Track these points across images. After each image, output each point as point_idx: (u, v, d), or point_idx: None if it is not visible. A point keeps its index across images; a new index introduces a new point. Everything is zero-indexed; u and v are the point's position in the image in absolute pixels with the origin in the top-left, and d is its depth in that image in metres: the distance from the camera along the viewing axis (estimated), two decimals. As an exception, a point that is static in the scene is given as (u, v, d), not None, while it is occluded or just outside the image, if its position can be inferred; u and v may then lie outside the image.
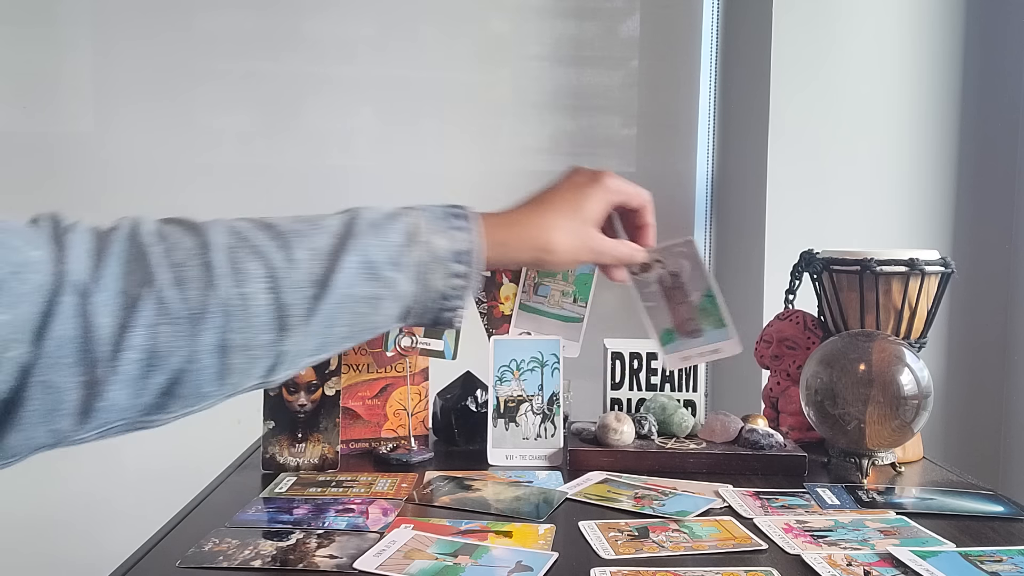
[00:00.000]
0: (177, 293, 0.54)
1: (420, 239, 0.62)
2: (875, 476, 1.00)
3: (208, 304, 0.54)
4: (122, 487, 1.88)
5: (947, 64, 1.61)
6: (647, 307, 0.92)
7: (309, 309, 0.58)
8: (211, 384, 0.56)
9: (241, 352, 0.56)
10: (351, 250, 0.60)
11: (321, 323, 0.58)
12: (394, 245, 0.61)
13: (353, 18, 1.91)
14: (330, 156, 1.93)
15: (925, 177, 1.62)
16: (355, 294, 0.59)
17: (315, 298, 0.58)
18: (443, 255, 0.63)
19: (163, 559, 0.74)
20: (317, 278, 0.58)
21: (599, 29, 1.96)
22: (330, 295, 0.58)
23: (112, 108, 1.90)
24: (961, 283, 1.43)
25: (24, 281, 0.49)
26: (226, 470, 1.02)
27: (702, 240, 1.96)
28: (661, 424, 1.06)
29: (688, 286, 0.92)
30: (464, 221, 0.65)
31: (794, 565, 0.73)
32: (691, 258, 0.92)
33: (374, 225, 0.62)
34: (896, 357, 0.95)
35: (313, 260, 0.58)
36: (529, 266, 0.75)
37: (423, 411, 1.10)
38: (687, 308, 0.93)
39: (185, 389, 0.55)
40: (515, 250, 0.70)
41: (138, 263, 0.54)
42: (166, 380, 0.54)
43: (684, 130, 1.96)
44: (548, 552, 0.75)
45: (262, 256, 0.57)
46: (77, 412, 0.52)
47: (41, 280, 0.50)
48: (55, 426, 0.51)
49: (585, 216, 0.74)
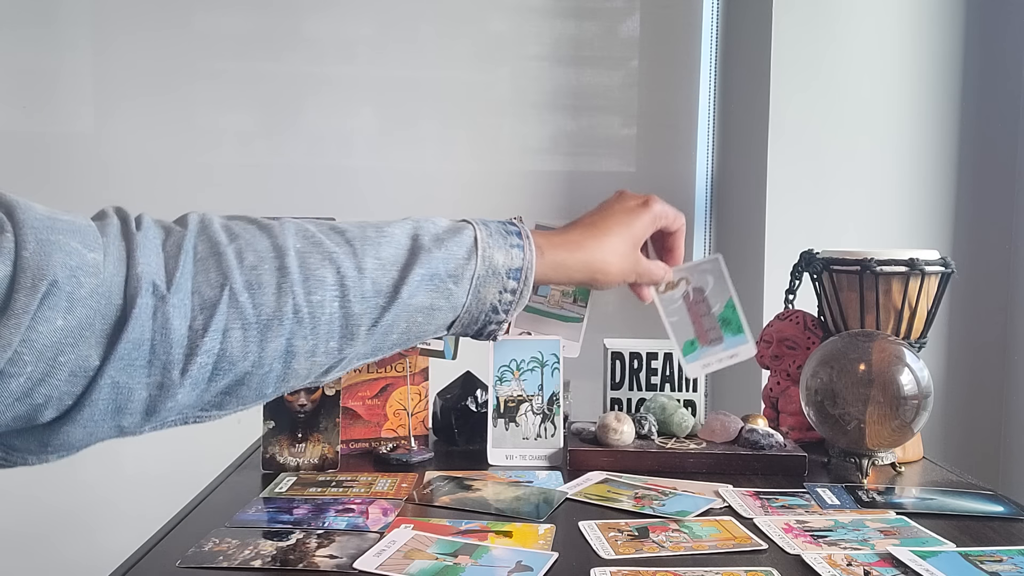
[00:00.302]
0: (250, 298, 0.53)
1: (480, 254, 0.64)
2: (875, 476, 1.00)
3: (281, 311, 0.54)
4: (122, 487, 1.88)
5: (947, 64, 1.61)
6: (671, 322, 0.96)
7: (374, 319, 0.59)
8: (272, 386, 0.57)
9: (306, 358, 0.56)
10: (419, 263, 0.61)
11: (381, 331, 0.60)
12: (457, 259, 0.63)
13: (353, 18, 1.91)
14: (330, 156, 1.93)
15: (925, 177, 1.62)
16: (416, 304, 0.61)
17: (381, 308, 0.59)
18: (500, 271, 0.65)
19: (163, 559, 0.74)
20: (384, 289, 0.59)
21: (599, 29, 1.96)
22: (395, 306, 0.59)
23: (112, 108, 1.90)
24: (961, 283, 1.43)
25: (80, 285, 0.47)
26: (226, 470, 1.02)
27: (702, 240, 1.96)
28: (661, 424, 1.06)
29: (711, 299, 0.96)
30: (519, 238, 0.68)
31: (794, 565, 0.73)
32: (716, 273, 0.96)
33: (438, 238, 0.63)
34: (896, 357, 0.95)
35: (380, 270, 0.59)
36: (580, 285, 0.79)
37: (423, 411, 1.10)
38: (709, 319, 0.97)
39: (247, 391, 0.55)
40: (572, 270, 0.73)
41: (212, 262, 0.53)
42: (231, 382, 0.54)
43: (684, 130, 1.96)
44: (548, 552, 0.75)
45: (334, 263, 0.57)
46: (144, 411, 0.52)
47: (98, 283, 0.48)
48: (120, 423, 0.51)
49: (636, 240, 0.78)
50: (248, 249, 0.55)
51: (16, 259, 0.45)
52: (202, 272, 0.53)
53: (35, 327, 0.45)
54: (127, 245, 0.51)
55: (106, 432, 0.52)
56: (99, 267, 0.49)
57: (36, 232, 0.47)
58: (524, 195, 1.94)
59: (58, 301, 0.46)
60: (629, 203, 0.79)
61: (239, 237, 0.55)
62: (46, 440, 0.50)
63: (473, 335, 0.68)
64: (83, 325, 0.47)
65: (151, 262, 0.51)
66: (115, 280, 0.49)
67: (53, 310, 0.46)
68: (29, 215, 0.47)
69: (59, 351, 0.47)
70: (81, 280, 0.47)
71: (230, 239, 0.55)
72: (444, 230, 0.64)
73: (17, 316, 0.45)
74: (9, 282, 0.45)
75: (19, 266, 0.45)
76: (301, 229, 0.59)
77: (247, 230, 0.56)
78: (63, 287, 0.46)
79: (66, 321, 0.47)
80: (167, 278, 0.51)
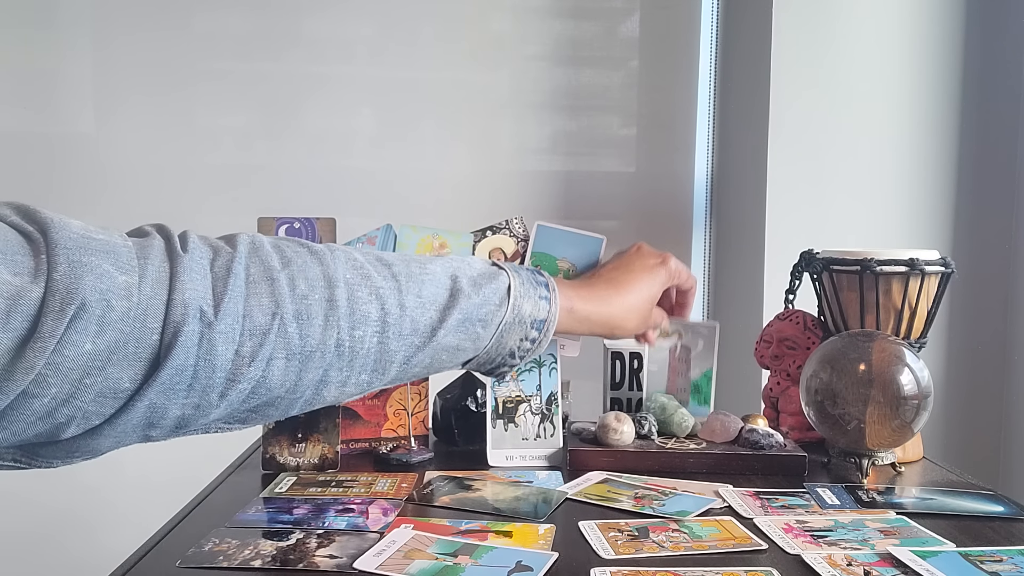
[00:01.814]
0: (298, 328, 0.52)
1: (511, 302, 0.66)
2: (875, 476, 1.00)
3: (325, 343, 0.54)
4: (122, 487, 1.88)
5: (947, 64, 1.61)
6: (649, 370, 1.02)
7: (407, 357, 0.59)
8: (297, 408, 0.57)
9: (336, 387, 0.57)
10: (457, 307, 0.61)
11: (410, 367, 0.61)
12: (490, 304, 0.64)
13: (352, 18, 1.91)
14: (330, 156, 1.94)
15: (925, 177, 1.62)
16: (446, 344, 0.62)
17: (416, 348, 0.59)
18: (526, 320, 0.67)
19: (163, 559, 0.74)
20: (422, 329, 0.59)
21: (598, 29, 1.96)
22: (429, 346, 0.60)
23: (112, 108, 1.90)
24: (961, 283, 1.43)
25: (111, 308, 0.46)
26: (226, 470, 1.02)
27: (702, 240, 1.96)
28: (661, 424, 1.06)
29: (694, 362, 1.02)
30: (547, 291, 0.70)
31: (794, 565, 0.73)
32: (708, 339, 1.02)
33: (475, 283, 0.64)
34: (896, 357, 0.95)
35: (420, 309, 0.59)
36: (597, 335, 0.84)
37: (423, 411, 1.10)
38: (684, 380, 1.04)
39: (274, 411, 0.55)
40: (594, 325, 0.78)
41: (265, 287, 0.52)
42: (261, 403, 0.54)
43: (684, 130, 1.96)
44: (548, 552, 0.75)
45: (380, 299, 0.57)
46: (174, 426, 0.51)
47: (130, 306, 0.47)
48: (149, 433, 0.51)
49: (653, 299, 0.84)
50: (300, 276, 0.54)
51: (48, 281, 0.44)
52: (254, 296, 0.52)
53: (61, 351, 0.45)
54: (171, 267, 0.50)
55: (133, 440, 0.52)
56: (132, 290, 0.48)
57: (68, 253, 0.46)
58: (523, 195, 1.94)
59: (87, 325, 0.45)
60: (649, 261, 0.84)
61: (292, 263, 0.54)
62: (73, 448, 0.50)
63: (484, 372, 0.69)
64: (112, 349, 0.47)
65: (198, 286, 0.50)
66: (152, 303, 0.48)
67: (81, 334, 0.45)
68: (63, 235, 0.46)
69: (86, 373, 0.46)
70: (112, 303, 0.46)
71: (283, 264, 0.54)
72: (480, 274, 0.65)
73: (44, 339, 0.44)
74: (39, 305, 0.44)
75: (49, 288, 0.44)
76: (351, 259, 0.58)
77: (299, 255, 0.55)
78: (93, 310, 0.45)
79: (95, 345, 0.46)
80: (215, 302, 0.50)
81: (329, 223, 1.03)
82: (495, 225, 1.05)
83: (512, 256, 1.04)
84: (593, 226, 1.08)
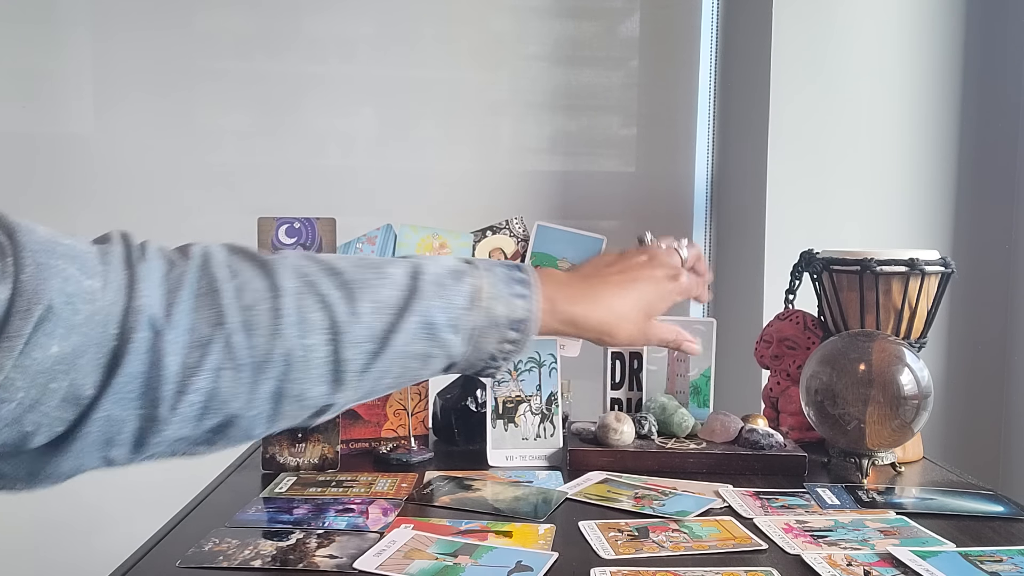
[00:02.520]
0: (245, 339, 0.52)
1: (481, 304, 0.62)
2: (875, 476, 1.00)
3: (273, 353, 0.53)
4: (122, 487, 1.88)
5: (947, 64, 1.61)
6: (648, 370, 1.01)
7: (365, 364, 0.57)
8: (260, 428, 0.56)
9: (294, 401, 0.56)
10: (414, 310, 0.59)
11: (373, 377, 0.58)
12: (456, 308, 0.61)
13: (352, 18, 1.91)
14: (330, 156, 1.93)
15: (925, 177, 1.62)
16: (410, 351, 0.59)
17: (372, 354, 0.57)
18: (501, 322, 0.62)
19: (163, 559, 0.74)
20: (377, 334, 0.57)
21: (598, 29, 1.96)
22: (387, 352, 0.58)
23: (112, 108, 1.90)
24: (961, 283, 1.43)
25: (76, 312, 0.46)
26: (226, 470, 1.02)
27: (702, 240, 1.96)
28: (661, 424, 1.06)
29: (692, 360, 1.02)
30: (525, 288, 0.65)
31: (794, 565, 0.73)
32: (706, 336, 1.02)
33: (439, 284, 0.61)
34: (896, 357, 0.95)
35: (375, 315, 0.58)
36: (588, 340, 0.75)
37: (423, 411, 1.10)
38: (683, 382, 1.04)
39: (236, 431, 0.55)
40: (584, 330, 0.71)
41: (209, 299, 0.52)
42: (219, 422, 0.53)
43: (683, 130, 1.96)
44: (548, 552, 0.75)
45: (328, 307, 0.56)
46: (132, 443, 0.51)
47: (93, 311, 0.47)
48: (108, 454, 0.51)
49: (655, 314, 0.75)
50: (246, 288, 0.54)
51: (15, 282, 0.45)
52: (199, 308, 0.52)
53: (29, 352, 0.45)
54: (130, 274, 0.50)
55: (94, 463, 0.51)
56: (95, 294, 0.48)
57: (35, 255, 0.46)
58: (523, 195, 1.94)
59: (54, 328, 0.45)
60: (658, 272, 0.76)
61: (239, 275, 0.54)
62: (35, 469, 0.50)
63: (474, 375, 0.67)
64: (77, 353, 0.47)
65: (153, 294, 0.50)
66: (113, 309, 0.48)
67: (48, 336, 0.45)
68: (30, 238, 0.47)
69: (52, 378, 0.46)
70: (77, 307, 0.47)
71: (231, 275, 0.54)
72: (445, 274, 0.62)
73: (11, 339, 0.44)
74: (7, 305, 0.44)
75: (16, 289, 0.44)
76: (299, 268, 0.57)
77: (247, 268, 0.55)
78: (59, 313, 0.46)
79: (61, 348, 0.46)
80: (166, 312, 0.50)
81: (329, 223, 1.03)
82: (495, 225, 1.05)
83: (512, 256, 1.05)
84: (593, 226, 1.08)
